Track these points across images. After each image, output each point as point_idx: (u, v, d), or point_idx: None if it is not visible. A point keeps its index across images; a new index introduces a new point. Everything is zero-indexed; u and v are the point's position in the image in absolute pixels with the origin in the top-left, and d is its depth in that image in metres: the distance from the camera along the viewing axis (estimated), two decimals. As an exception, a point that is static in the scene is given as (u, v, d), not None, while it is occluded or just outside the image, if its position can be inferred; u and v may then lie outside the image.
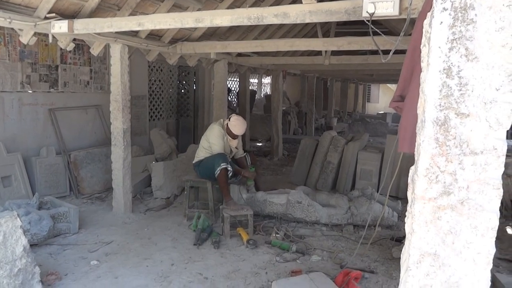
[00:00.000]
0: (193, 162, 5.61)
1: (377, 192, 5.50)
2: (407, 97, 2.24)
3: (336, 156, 7.12)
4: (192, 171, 5.75)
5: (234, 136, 5.46)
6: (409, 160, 4.92)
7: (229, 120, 5.42)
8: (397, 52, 3.46)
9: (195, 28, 6.12)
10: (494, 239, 1.76)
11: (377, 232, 5.02)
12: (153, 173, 6.43)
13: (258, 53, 8.24)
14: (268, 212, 5.40)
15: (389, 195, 5.30)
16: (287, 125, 14.20)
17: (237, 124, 5.37)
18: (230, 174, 5.23)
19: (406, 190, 1.98)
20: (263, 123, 13.76)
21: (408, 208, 1.91)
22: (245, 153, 5.82)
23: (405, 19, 2.98)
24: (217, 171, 5.10)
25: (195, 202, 5.86)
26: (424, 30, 1.87)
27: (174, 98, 9.78)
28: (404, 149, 2.17)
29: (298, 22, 3.52)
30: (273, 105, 10.55)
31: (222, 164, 5.09)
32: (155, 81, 8.95)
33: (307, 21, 3.49)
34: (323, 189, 6.98)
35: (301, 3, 3.54)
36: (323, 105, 18.11)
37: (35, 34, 4.67)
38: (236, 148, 5.66)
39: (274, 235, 4.82)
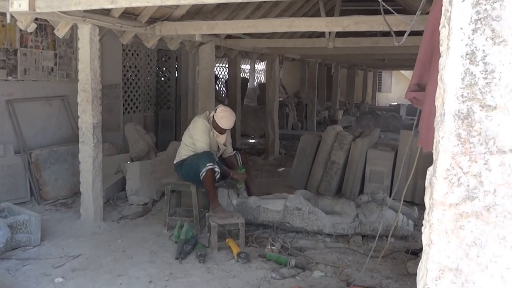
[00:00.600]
0: (174, 162, 5.61)
1: (390, 197, 5.50)
2: (428, 87, 2.25)
3: (341, 155, 7.12)
4: (174, 172, 5.75)
5: (221, 131, 5.47)
6: (427, 159, 4.92)
7: (215, 112, 5.43)
8: (412, 33, 3.46)
9: (177, 6, 6.10)
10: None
11: (390, 243, 4.92)
12: (128, 175, 6.42)
13: (251, 35, 8.23)
14: (262, 220, 5.40)
15: (404, 201, 5.27)
16: (284, 118, 14.22)
17: (225, 116, 5.38)
18: (218, 176, 5.22)
19: (423, 194, 1.98)
20: (256, 117, 13.76)
21: (425, 215, 1.91)
22: (235, 151, 5.83)
23: (421, -4, 2.99)
24: (203, 173, 5.10)
25: (177, 208, 5.86)
26: (443, 8, 1.86)
27: (152, 87, 9.76)
28: (430, 147, 2.17)
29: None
30: (268, 95, 10.56)
31: (208, 164, 5.09)
32: (130, 67, 8.93)
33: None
34: (327, 193, 6.97)
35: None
36: (327, 96, 18.15)
37: (-11, 12, 4.64)
38: (224, 145, 5.67)
39: (269, 247, 4.81)
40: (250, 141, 13.00)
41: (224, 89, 16.19)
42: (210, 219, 5.00)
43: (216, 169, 5.16)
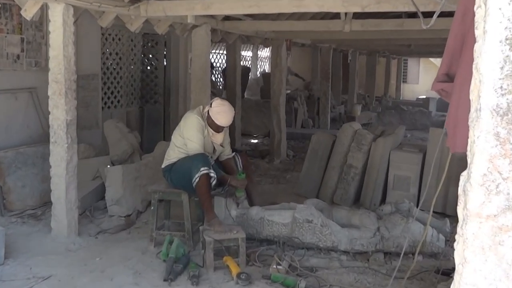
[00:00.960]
0: (163, 166, 5.61)
1: (417, 207, 5.48)
2: (457, 77, 2.25)
3: (360, 158, 7.12)
4: (162, 178, 5.75)
5: (218, 129, 5.48)
6: (460, 163, 4.91)
7: (211, 107, 5.43)
8: (443, 14, 3.45)
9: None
10: None
11: (417, 262, 4.85)
12: (108, 181, 6.41)
13: (253, 16, 8.22)
14: (266, 235, 5.40)
15: (434, 212, 5.22)
16: (292, 114, 14.21)
17: (222, 111, 5.38)
18: (214, 183, 5.22)
19: (456, 204, 1.98)
20: (259, 112, 13.73)
21: (458, 229, 1.91)
22: (234, 153, 5.83)
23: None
24: (196, 179, 5.09)
25: (165, 221, 5.86)
26: (479, -16, 1.87)
27: (137, 78, 9.75)
28: (457, 148, 2.17)
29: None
30: (273, 87, 10.53)
31: (202, 169, 5.08)
32: (110, 54, 8.94)
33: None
34: (343, 203, 6.96)
35: None
36: (343, 88, 18.13)
37: None
38: (221, 146, 5.67)
39: (274, 266, 4.79)
40: (252, 141, 12.97)
41: (221, 80, 16.19)
42: (205, 234, 4.98)
43: (212, 174, 5.15)
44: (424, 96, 22.55)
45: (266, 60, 21.99)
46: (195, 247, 5.36)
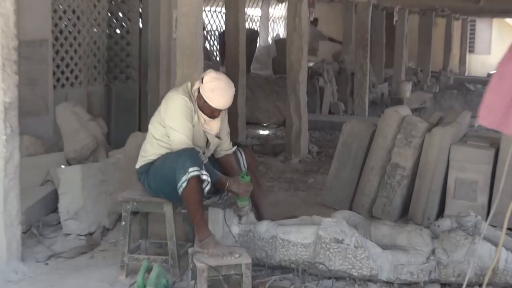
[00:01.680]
0: (137, 166, 5.60)
1: (486, 221, 5.47)
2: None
3: (409, 155, 7.11)
4: (137, 182, 5.75)
5: (212, 113, 5.45)
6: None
7: (202, 83, 5.41)
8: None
9: None
10: None
11: None
12: (63, 187, 6.41)
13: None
14: (280, 260, 5.39)
15: (509, 228, 5.20)
16: (317, 96, 14.24)
17: (217, 88, 5.35)
18: (207, 188, 5.19)
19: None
20: (271, 93, 13.78)
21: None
22: (236, 148, 5.83)
23: None
24: (182, 184, 5.06)
25: (141, 241, 5.83)
26: None
27: (101, 45, 9.73)
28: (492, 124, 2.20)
29: None
30: (289, 58, 10.56)
31: (191, 170, 5.03)
32: (65, 12, 8.92)
33: None
34: (385, 216, 6.96)
35: None
36: (386, 60, 18.11)
37: None
38: (217, 137, 5.65)
39: None
40: (262, 132, 12.99)
41: (217, 48, 16.16)
42: (195, 258, 4.96)
43: (204, 177, 5.11)
44: (499, 72, 22.44)
45: (280, 21, 21.98)
46: (182, 276, 5.36)
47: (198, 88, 5.42)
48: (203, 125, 5.50)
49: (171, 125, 5.34)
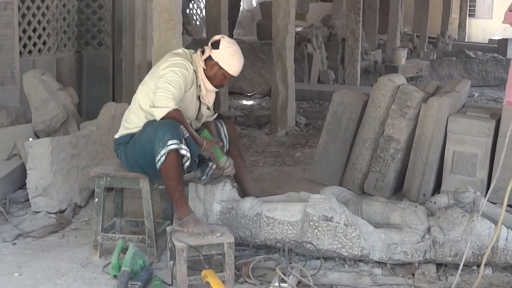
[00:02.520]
0: (117, 136, 5.58)
1: (485, 197, 5.46)
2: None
3: (404, 127, 7.14)
4: (113, 155, 5.81)
5: (222, 82, 5.62)
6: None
7: (214, 49, 5.42)
8: None
9: None
10: None
11: (484, 277, 5.05)
12: (31, 161, 6.40)
13: None
14: (265, 238, 5.42)
15: (509, 205, 5.25)
16: (305, 63, 14.53)
17: (237, 53, 5.53)
18: (188, 163, 5.18)
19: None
20: (255, 60, 14.04)
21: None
22: (216, 116, 5.88)
23: None
24: (161, 157, 5.04)
25: (116, 219, 5.84)
26: None
27: (72, 8, 9.76)
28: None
29: None
30: (275, 22, 10.61)
31: (170, 143, 5.01)
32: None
33: None
34: (378, 192, 7.05)
35: None
36: (379, 24, 18.52)
37: None
38: (208, 109, 5.75)
39: (277, 284, 4.81)
40: (245, 103, 13.22)
41: (198, 11, 16.15)
42: (174, 237, 4.97)
43: (184, 152, 5.08)
44: (501, 37, 22.56)
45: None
46: (160, 256, 5.42)
47: (210, 56, 5.46)
48: (203, 97, 5.59)
49: (164, 75, 5.26)
